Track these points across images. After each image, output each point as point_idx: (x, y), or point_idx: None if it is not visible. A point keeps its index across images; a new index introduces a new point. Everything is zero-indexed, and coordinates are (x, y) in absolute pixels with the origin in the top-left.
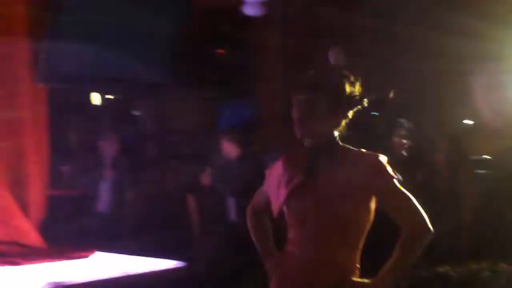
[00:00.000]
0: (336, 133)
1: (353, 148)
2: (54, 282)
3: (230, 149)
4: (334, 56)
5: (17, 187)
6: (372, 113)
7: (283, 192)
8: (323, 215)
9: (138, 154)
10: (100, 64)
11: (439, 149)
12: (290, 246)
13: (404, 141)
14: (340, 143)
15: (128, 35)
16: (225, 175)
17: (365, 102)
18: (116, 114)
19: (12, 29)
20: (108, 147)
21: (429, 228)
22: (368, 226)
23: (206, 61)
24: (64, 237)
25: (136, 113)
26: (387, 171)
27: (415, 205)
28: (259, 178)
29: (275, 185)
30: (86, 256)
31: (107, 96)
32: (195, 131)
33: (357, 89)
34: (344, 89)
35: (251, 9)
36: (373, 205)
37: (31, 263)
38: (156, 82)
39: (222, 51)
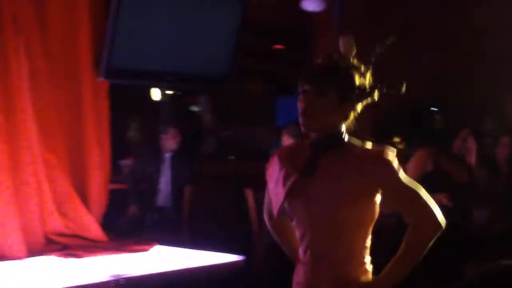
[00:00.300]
0: (343, 127)
1: (360, 143)
2: (116, 274)
3: (289, 143)
4: (345, 45)
5: (79, 181)
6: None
7: (281, 190)
8: (322, 213)
9: (197, 149)
10: (160, 59)
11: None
12: (300, 247)
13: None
14: (347, 137)
15: (188, 30)
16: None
17: (376, 94)
18: (176, 109)
19: (74, 25)
20: (168, 141)
21: (438, 223)
22: (372, 223)
23: (265, 56)
24: (125, 230)
25: (196, 108)
26: (390, 165)
27: (423, 199)
28: None
29: (274, 182)
30: (146, 250)
31: (167, 91)
32: (253, 125)
33: (368, 80)
34: (353, 81)
35: (310, 4)
36: (377, 201)
37: (92, 256)
38: (216, 76)
39: (280, 45)
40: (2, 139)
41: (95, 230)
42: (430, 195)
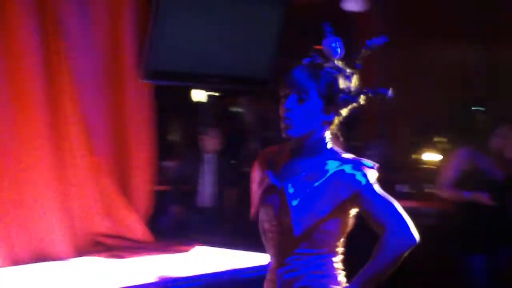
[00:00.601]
0: (326, 134)
1: (340, 152)
2: (162, 276)
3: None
4: (328, 46)
5: (123, 182)
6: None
7: (258, 194)
8: (289, 222)
9: (239, 149)
10: (202, 60)
11: None
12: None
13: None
14: (328, 144)
15: (230, 31)
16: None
17: (362, 99)
18: (217, 110)
19: (117, 27)
20: (209, 142)
21: (413, 237)
22: (344, 234)
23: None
24: (167, 231)
25: (237, 109)
26: (365, 178)
27: (397, 211)
28: None
29: (256, 184)
30: (187, 250)
31: (209, 92)
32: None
33: (353, 84)
34: (336, 84)
35: (352, 4)
36: (351, 213)
37: (135, 256)
38: (258, 77)
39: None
40: (47, 141)
41: (139, 231)
42: (470, 195)
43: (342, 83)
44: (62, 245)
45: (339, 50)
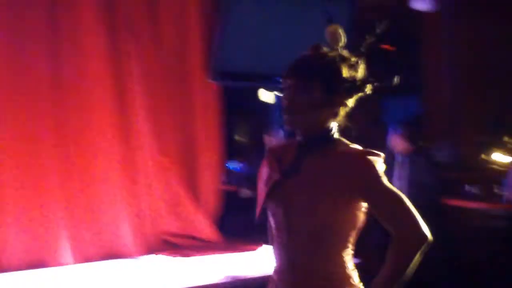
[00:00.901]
0: (333, 125)
1: (348, 143)
2: (230, 275)
3: (400, 144)
4: (331, 35)
5: (191, 182)
6: None
7: (263, 191)
8: (299, 218)
9: None
10: (268, 60)
11: None
12: (274, 254)
13: None
14: (336, 136)
15: (296, 30)
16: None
17: (369, 88)
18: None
19: (185, 28)
20: (270, 143)
21: (425, 235)
22: (354, 230)
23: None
24: (234, 230)
25: None
26: (373, 169)
27: (408, 208)
28: (431, 174)
29: (262, 182)
30: (254, 249)
31: (275, 93)
32: (362, 126)
33: (359, 73)
34: (339, 73)
35: (420, 3)
36: (360, 207)
37: (201, 255)
38: None
39: (388, 46)
40: (115, 141)
41: (207, 231)
42: None
43: (345, 72)
44: (131, 243)
45: (342, 37)
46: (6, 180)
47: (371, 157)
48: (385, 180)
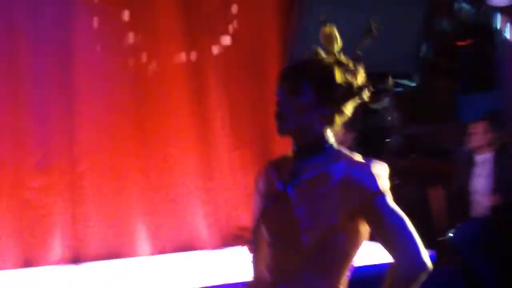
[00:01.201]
0: (327, 131)
1: (348, 153)
2: None
3: (481, 140)
4: (326, 37)
5: None
6: None
7: (258, 203)
8: (291, 236)
9: (380, 146)
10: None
11: None
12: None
13: None
14: (330, 143)
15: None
16: (471, 170)
17: (366, 94)
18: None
19: (262, 24)
20: (345, 139)
21: (424, 263)
22: (354, 251)
23: (449, 52)
24: None
25: (378, 105)
26: (374, 185)
27: (410, 233)
28: None
29: (259, 195)
30: None
31: None
32: (437, 123)
33: (358, 78)
34: (333, 77)
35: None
36: (361, 225)
37: None
38: (401, 73)
39: (464, 42)
40: (193, 135)
41: None
42: None
43: (340, 77)
44: (207, 236)
45: (337, 40)
46: (87, 172)
47: (373, 171)
48: (387, 198)
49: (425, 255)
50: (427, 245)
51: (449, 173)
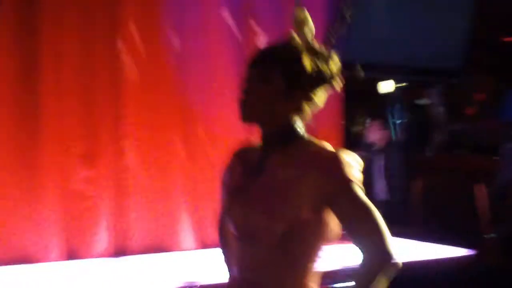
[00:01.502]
0: (296, 121)
1: (316, 142)
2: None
3: None
4: (295, 22)
5: None
6: None
7: (225, 196)
8: (257, 229)
9: (424, 142)
10: (391, 51)
11: None
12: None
13: None
14: (300, 133)
15: (420, 21)
16: None
17: (338, 83)
18: (403, 101)
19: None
20: (372, 134)
21: (389, 255)
22: (321, 242)
23: (495, 48)
24: None
25: (424, 101)
26: (342, 174)
27: (377, 224)
28: None
29: (224, 188)
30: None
31: (396, 84)
32: (482, 119)
33: (330, 66)
34: (302, 64)
35: None
36: (327, 217)
37: None
38: (447, 69)
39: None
40: (235, 130)
41: None
42: None
43: (309, 63)
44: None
45: (309, 23)
46: (132, 164)
47: (342, 159)
48: (355, 187)
49: (392, 247)
50: (471, 243)
51: (494, 169)
